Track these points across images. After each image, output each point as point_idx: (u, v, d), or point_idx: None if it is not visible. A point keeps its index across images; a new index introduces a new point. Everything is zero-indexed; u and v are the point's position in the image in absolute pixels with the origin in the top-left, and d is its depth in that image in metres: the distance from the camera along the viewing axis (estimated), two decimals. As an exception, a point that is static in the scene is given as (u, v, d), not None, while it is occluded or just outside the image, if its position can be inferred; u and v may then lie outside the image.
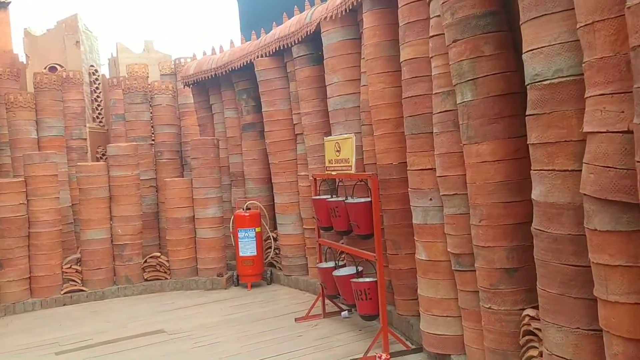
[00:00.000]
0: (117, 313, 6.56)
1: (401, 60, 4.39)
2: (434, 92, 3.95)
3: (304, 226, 7.10)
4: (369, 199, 4.74)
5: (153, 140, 9.26)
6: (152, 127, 9.25)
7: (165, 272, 7.60)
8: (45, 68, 11.50)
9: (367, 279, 4.88)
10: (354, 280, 4.87)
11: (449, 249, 3.92)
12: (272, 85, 7.20)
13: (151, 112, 9.23)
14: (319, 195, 5.81)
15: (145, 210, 8.82)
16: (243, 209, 7.47)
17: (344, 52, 5.70)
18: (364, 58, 5.32)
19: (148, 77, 10.28)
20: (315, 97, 6.53)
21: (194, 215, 7.62)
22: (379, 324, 4.72)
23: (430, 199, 4.12)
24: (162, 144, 9.10)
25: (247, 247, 7.34)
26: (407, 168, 4.38)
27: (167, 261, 7.60)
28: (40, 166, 7.00)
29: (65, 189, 8.41)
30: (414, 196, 4.28)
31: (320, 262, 5.77)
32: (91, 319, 6.37)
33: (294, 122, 7.09)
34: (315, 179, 5.85)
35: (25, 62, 12.17)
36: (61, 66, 12.02)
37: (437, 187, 4.04)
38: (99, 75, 15.06)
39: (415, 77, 4.23)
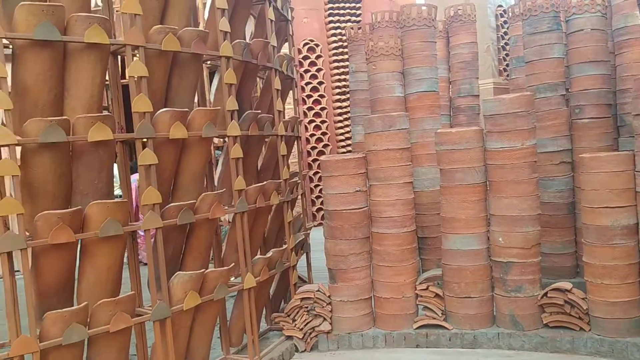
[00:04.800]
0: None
1: None
2: None
3: None
4: None
5: (567, 89, 5.85)
6: (566, 68, 5.85)
7: (579, 319, 4.32)
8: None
9: None
10: None
11: None
12: None
13: (566, 46, 5.82)
14: None
15: (554, 199, 5.62)
16: None
17: None
18: None
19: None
20: None
21: (638, 223, 4.04)
22: None
23: None
24: (582, 95, 5.60)
25: None
26: None
27: (584, 299, 4.29)
28: (383, 136, 4.69)
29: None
30: None
31: None
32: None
33: None
34: None
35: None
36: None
37: None
38: (508, 17, 12.19)
39: None
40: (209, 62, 4.73)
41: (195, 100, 4.53)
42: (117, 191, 4.81)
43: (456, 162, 4.51)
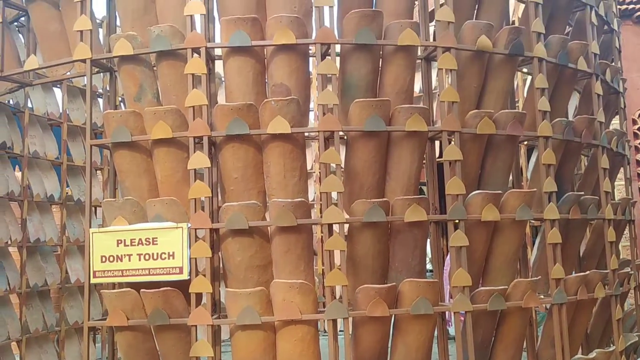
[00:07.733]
0: None
1: None
2: None
3: None
4: None
5: None
6: None
7: None
8: None
9: None
10: None
11: None
12: None
13: None
14: None
15: None
16: None
17: None
18: None
19: None
20: None
21: None
22: None
23: None
24: None
25: None
26: None
27: None
28: None
29: None
30: None
31: None
32: None
33: None
34: None
35: None
36: None
37: None
38: None
39: None
40: (525, 142, 4.60)
41: (510, 179, 4.42)
42: (429, 265, 4.94)
43: None
